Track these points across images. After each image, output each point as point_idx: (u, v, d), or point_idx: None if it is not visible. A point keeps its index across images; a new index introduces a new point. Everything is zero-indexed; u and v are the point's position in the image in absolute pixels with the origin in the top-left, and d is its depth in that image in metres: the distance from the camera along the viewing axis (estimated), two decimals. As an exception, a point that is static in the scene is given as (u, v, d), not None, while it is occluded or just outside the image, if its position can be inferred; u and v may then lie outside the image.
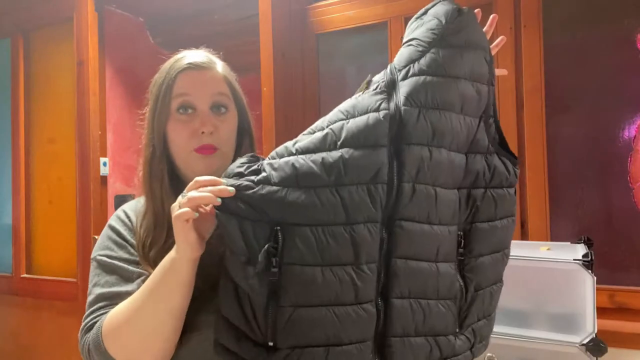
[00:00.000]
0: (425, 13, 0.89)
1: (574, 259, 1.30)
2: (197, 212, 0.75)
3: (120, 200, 2.44)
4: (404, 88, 0.80)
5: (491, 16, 0.96)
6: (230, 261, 0.77)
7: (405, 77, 0.81)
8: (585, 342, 1.26)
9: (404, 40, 0.88)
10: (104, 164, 2.38)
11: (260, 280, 0.73)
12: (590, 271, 1.29)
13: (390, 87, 0.81)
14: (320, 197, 0.75)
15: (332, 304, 0.74)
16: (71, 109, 2.38)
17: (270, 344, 0.74)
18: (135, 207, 0.98)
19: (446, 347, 0.83)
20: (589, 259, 1.29)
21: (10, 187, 2.58)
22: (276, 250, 0.73)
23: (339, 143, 0.77)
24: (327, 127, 0.80)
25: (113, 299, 0.87)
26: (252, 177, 0.76)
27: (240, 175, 0.77)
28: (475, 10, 0.89)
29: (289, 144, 0.80)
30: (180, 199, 0.77)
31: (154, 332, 0.81)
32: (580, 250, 1.36)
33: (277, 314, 0.73)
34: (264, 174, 0.76)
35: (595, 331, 1.27)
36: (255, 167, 0.78)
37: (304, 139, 0.80)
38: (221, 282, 0.78)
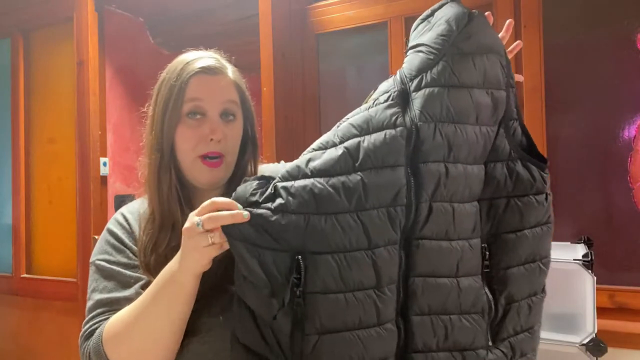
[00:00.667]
0: (431, 15, 0.85)
1: (574, 259, 1.30)
2: (212, 233, 0.73)
3: (120, 200, 2.44)
4: (417, 100, 0.77)
5: (507, 22, 0.94)
6: (249, 293, 0.75)
7: (418, 88, 0.78)
8: (585, 342, 1.27)
9: (410, 43, 0.84)
10: (104, 164, 2.38)
11: (285, 313, 0.73)
12: (590, 271, 1.29)
13: (403, 99, 0.78)
14: (342, 224, 0.73)
15: (355, 327, 0.74)
16: (71, 109, 2.38)
17: None
18: (135, 209, 0.97)
19: None
20: (589, 259, 1.29)
21: (10, 187, 2.58)
22: (299, 280, 0.72)
23: (357, 165, 0.75)
24: (339, 143, 0.77)
25: (111, 305, 0.86)
26: (269, 205, 0.74)
27: (255, 204, 0.74)
28: (486, 13, 0.86)
29: (301, 162, 0.76)
30: (194, 218, 0.74)
31: (154, 341, 0.80)
32: (580, 250, 1.36)
33: (302, 342, 0.73)
34: (280, 200, 0.73)
35: (595, 331, 1.27)
36: (268, 192, 0.75)
37: (317, 157, 0.76)
38: (236, 308, 0.77)
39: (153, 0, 2.51)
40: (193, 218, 0.74)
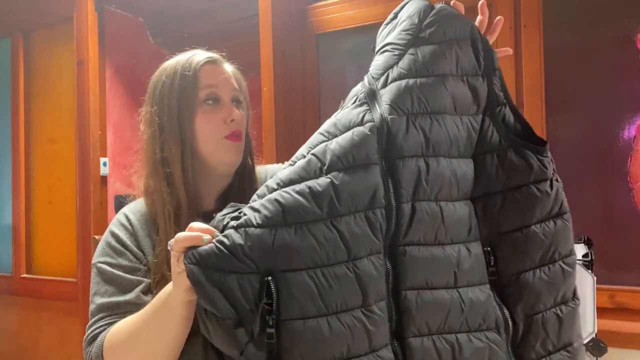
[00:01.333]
0: (395, 17, 0.82)
1: (574, 259, 1.30)
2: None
3: (120, 200, 2.43)
4: (385, 96, 0.72)
5: (480, 2, 0.89)
6: (212, 328, 0.64)
7: (385, 84, 0.73)
8: (585, 342, 1.26)
9: (377, 48, 0.81)
10: (104, 164, 2.38)
11: (257, 346, 0.62)
12: (590, 271, 1.29)
13: (370, 97, 0.72)
14: (315, 234, 0.64)
15: (345, 358, 0.63)
16: (71, 109, 2.38)
17: None
18: (137, 209, 0.97)
19: None
20: (589, 259, 1.29)
21: (10, 187, 2.57)
22: (271, 306, 0.62)
23: (324, 168, 0.67)
24: (308, 153, 0.70)
25: (113, 309, 0.87)
26: (232, 223, 0.66)
27: (223, 228, 0.66)
28: (452, 2, 0.81)
29: (269, 182, 0.70)
30: (170, 241, 0.72)
31: (153, 355, 0.80)
32: (580, 250, 1.36)
33: None
34: (244, 217, 0.66)
35: (595, 331, 1.27)
36: (235, 214, 0.68)
37: (285, 171, 0.69)
38: (201, 352, 0.68)
39: (153, 0, 2.51)
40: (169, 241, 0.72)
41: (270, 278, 0.63)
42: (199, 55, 0.95)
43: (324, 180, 0.66)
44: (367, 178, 0.67)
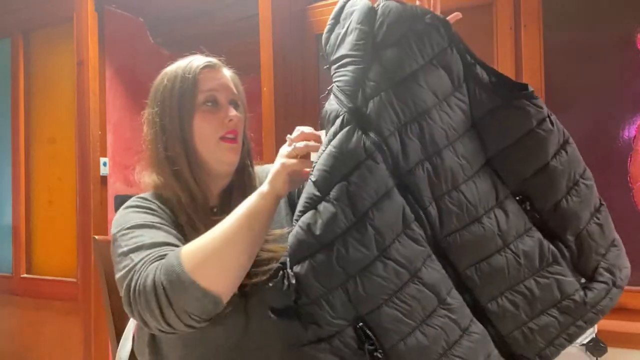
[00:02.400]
0: (336, 23, 0.83)
1: (574, 259, 1.30)
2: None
3: (120, 200, 2.44)
4: (372, 115, 0.74)
5: (454, 14, 0.87)
6: None
7: (365, 102, 0.75)
8: (585, 342, 1.26)
9: (328, 58, 0.82)
10: (104, 164, 2.38)
11: None
12: (590, 271, 1.29)
13: (358, 118, 0.74)
14: (377, 273, 0.72)
15: (448, 348, 0.73)
16: (71, 109, 2.38)
17: None
18: (148, 196, 0.98)
19: (576, 307, 0.77)
20: (589, 259, 1.29)
21: (10, 187, 2.58)
22: (374, 345, 0.72)
23: (357, 212, 0.71)
24: (325, 196, 0.72)
25: (172, 246, 0.82)
26: (304, 300, 0.73)
27: (293, 307, 0.73)
28: None
29: (301, 233, 0.73)
30: (287, 147, 0.87)
31: (244, 264, 0.80)
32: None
33: None
34: (307, 291, 0.72)
35: (595, 331, 1.27)
36: (291, 281, 0.72)
37: (314, 221, 0.72)
38: None
39: (153, 0, 2.51)
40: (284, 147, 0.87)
41: (361, 324, 0.72)
42: (198, 60, 1.00)
43: (362, 225, 0.71)
44: (393, 203, 0.73)
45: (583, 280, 0.79)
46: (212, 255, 0.77)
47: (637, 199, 1.51)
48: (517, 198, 0.78)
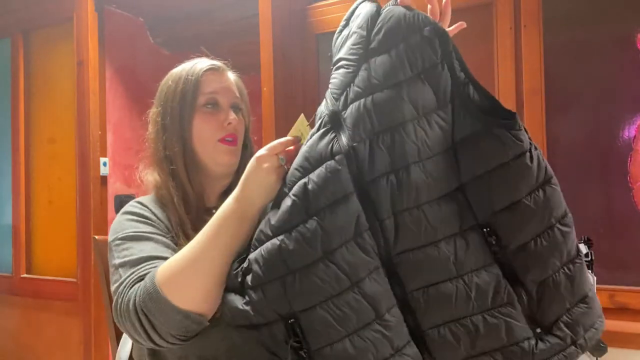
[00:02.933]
0: (347, 24, 0.82)
1: (574, 259, 1.29)
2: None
3: (120, 200, 2.44)
4: (348, 120, 0.74)
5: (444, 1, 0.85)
6: None
7: (345, 105, 0.75)
8: (585, 342, 1.26)
9: (333, 59, 0.82)
10: (104, 164, 2.38)
11: None
12: (590, 271, 1.29)
13: (334, 122, 0.75)
14: (317, 274, 0.71)
15: None
16: (71, 109, 2.38)
17: None
18: (147, 199, 0.99)
19: (522, 356, 0.73)
20: (589, 258, 1.29)
21: (10, 187, 2.58)
22: (300, 343, 0.72)
23: (309, 210, 0.72)
24: (288, 191, 0.75)
25: (156, 259, 0.83)
26: (248, 281, 0.75)
27: (240, 285, 0.75)
28: (399, 0, 0.79)
29: (262, 226, 0.76)
30: (263, 151, 0.82)
31: (219, 275, 0.78)
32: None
33: None
34: (252, 274, 0.74)
35: (595, 331, 1.27)
36: (245, 265, 0.75)
37: (275, 217, 0.75)
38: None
39: (153, 0, 2.51)
40: (262, 151, 0.82)
41: (292, 320, 0.72)
42: (203, 63, 1.01)
43: (312, 224, 0.71)
44: (349, 209, 0.72)
45: (538, 330, 0.74)
46: (182, 272, 0.78)
47: (637, 199, 1.51)
48: (485, 230, 0.74)
